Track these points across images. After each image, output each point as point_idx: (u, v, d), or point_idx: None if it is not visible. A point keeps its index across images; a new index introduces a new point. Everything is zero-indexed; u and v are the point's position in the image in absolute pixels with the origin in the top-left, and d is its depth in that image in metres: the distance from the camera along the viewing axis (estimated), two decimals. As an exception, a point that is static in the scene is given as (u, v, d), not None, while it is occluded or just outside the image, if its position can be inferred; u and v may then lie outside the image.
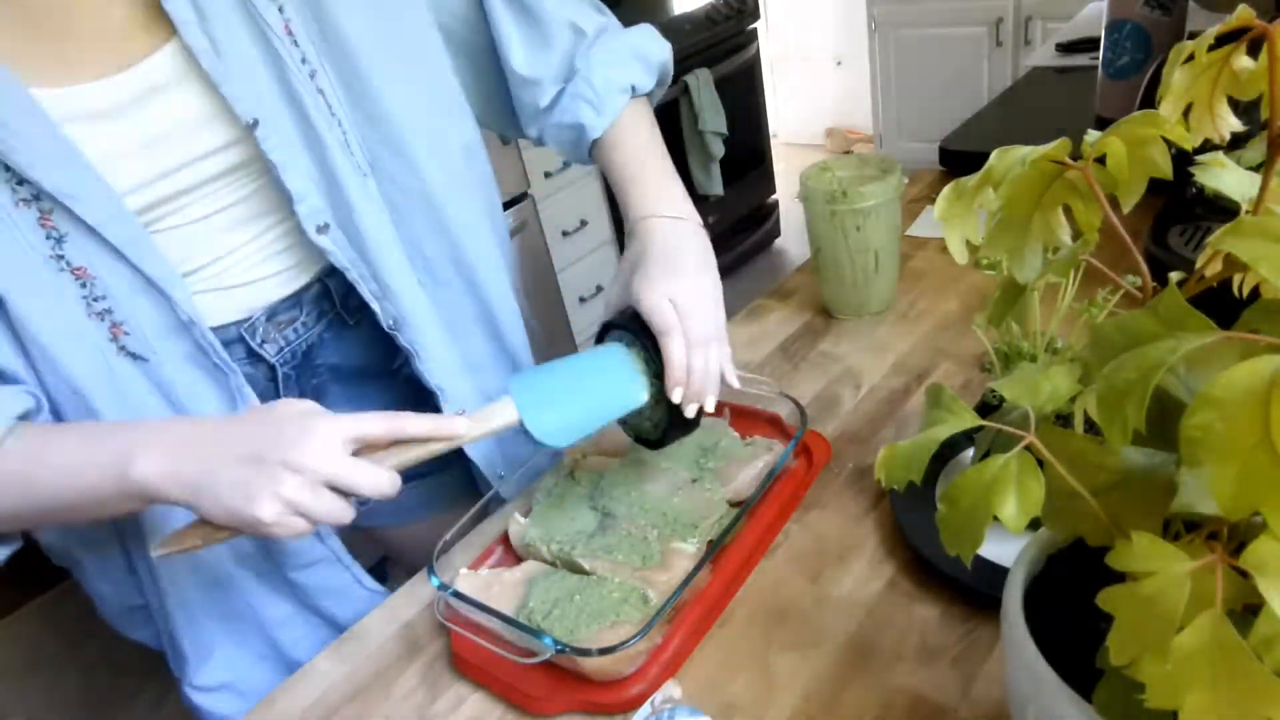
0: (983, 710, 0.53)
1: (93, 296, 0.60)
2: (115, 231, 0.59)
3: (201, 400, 0.66)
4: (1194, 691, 0.25)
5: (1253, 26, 0.30)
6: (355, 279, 0.71)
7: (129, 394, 0.63)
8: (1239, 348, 0.27)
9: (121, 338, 0.62)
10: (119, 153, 0.59)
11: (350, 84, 0.68)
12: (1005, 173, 0.37)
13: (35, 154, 0.55)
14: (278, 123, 0.64)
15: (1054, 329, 0.65)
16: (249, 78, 0.63)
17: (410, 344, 0.76)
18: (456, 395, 0.79)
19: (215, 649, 0.76)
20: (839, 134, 4.13)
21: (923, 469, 0.35)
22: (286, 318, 0.73)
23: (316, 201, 0.68)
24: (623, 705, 0.58)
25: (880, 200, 0.87)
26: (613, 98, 0.77)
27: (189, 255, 0.65)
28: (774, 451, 0.75)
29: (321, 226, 0.69)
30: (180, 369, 0.65)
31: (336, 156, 0.67)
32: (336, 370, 0.79)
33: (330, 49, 0.66)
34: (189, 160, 0.62)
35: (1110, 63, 1.15)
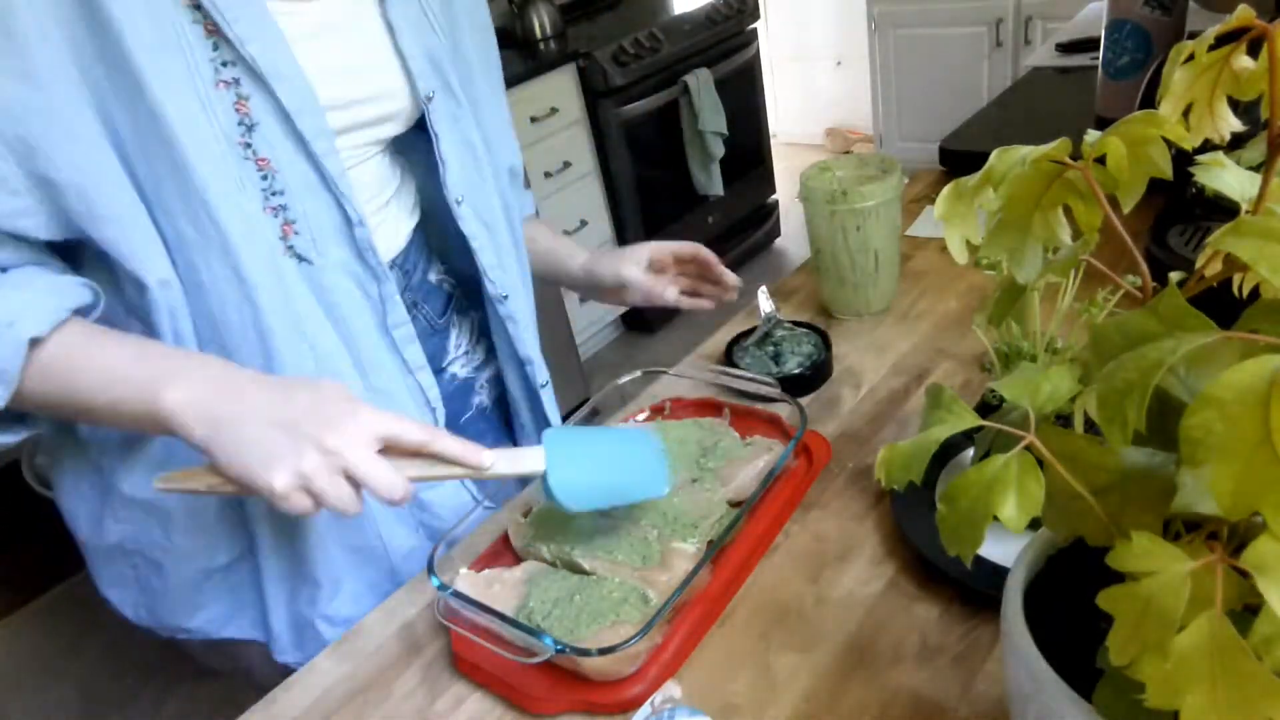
0: (983, 710, 0.53)
1: (271, 190, 0.62)
2: (307, 122, 0.62)
3: (355, 307, 0.70)
4: (1194, 691, 0.25)
5: (1253, 26, 0.30)
6: (476, 248, 0.79)
7: (292, 293, 0.65)
8: (1239, 348, 0.27)
9: (291, 236, 0.64)
10: (319, 69, 0.63)
11: (464, 79, 0.77)
12: (1005, 173, 0.37)
13: (254, 31, 0.58)
14: (442, 100, 0.73)
15: (1054, 329, 0.65)
16: (428, 54, 0.72)
17: (513, 313, 0.84)
18: (541, 367, 0.88)
19: (345, 581, 0.76)
20: (839, 134, 4.13)
21: (923, 469, 0.35)
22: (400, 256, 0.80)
23: (458, 174, 0.76)
24: (623, 705, 0.58)
25: (880, 200, 0.87)
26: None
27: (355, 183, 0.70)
28: (774, 451, 0.75)
29: (459, 199, 0.77)
30: (338, 276, 0.68)
31: (473, 134, 0.77)
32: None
33: (455, 50, 0.76)
34: (367, 97, 0.69)
35: (1110, 63, 1.15)
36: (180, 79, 0.57)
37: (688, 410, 0.86)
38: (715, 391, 0.86)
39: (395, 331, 0.73)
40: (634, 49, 2.54)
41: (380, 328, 0.72)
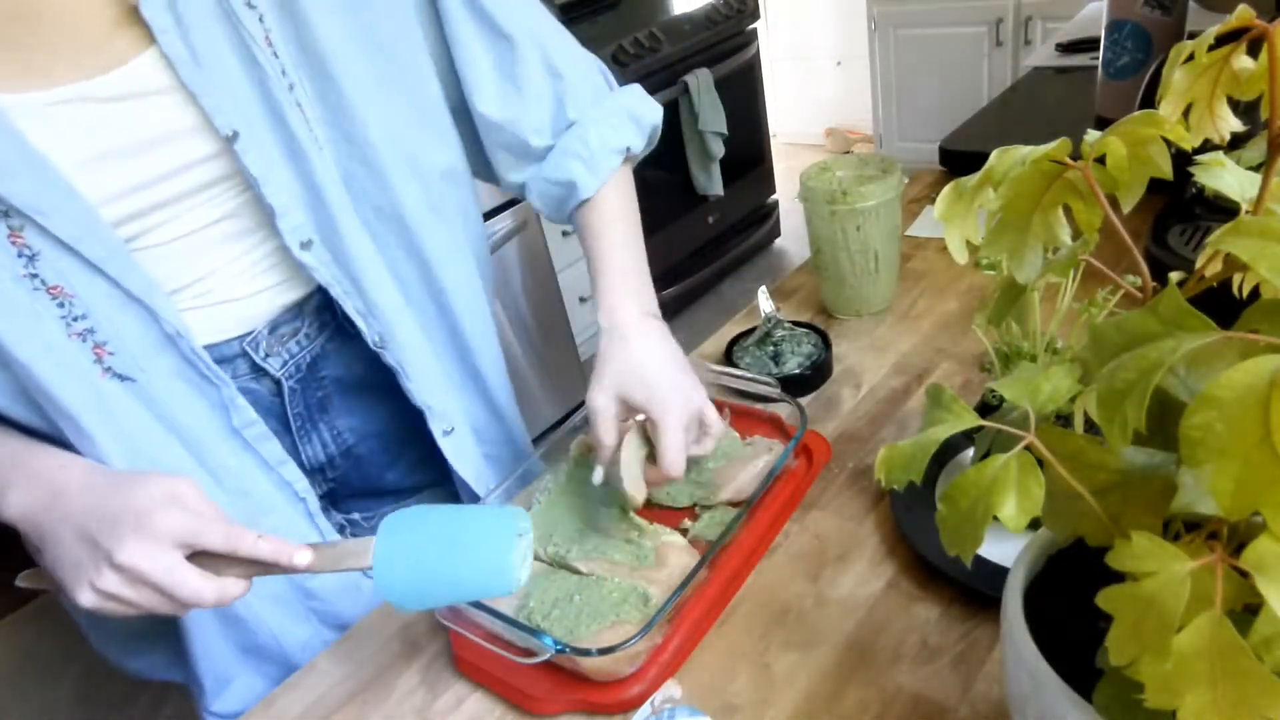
0: (983, 710, 0.53)
1: (72, 316, 0.57)
2: (91, 247, 0.56)
3: (194, 415, 0.64)
4: (1194, 691, 0.25)
5: (1253, 26, 0.30)
6: (339, 295, 0.70)
7: (119, 415, 0.61)
8: (1239, 348, 0.27)
9: (106, 358, 0.59)
10: (92, 161, 0.56)
11: (327, 98, 0.66)
12: (1005, 173, 0.37)
13: (2, 166, 0.52)
14: (258, 136, 0.62)
15: (1054, 329, 0.65)
16: (230, 89, 0.60)
17: (397, 362, 0.74)
18: (445, 413, 0.79)
19: (234, 678, 0.74)
20: (839, 134, 4.13)
21: (923, 469, 0.35)
22: (289, 329, 0.72)
23: (299, 217, 0.66)
24: (623, 705, 0.58)
25: (880, 200, 0.87)
26: (607, 158, 0.77)
27: (175, 272, 0.64)
28: (774, 451, 0.75)
29: (305, 243, 0.67)
30: (169, 385, 0.63)
31: (319, 170, 0.65)
32: (340, 382, 0.78)
33: (309, 62, 0.64)
34: (167, 173, 0.60)
35: (1110, 63, 1.15)
36: None
37: (688, 410, 0.85)
38: (715, 391, 0.85)
39: (245, 432, 0.68)
40: (634, 49, 2.54)
41: (228, 432, 0.67)
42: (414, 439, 0.82)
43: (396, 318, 0.74)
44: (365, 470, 0.83)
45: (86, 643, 0.79)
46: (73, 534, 0.54)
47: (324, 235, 0.68)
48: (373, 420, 0.81)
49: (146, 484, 0.55)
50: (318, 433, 0.78)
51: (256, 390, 0.71)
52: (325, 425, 0.78)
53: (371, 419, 0.81)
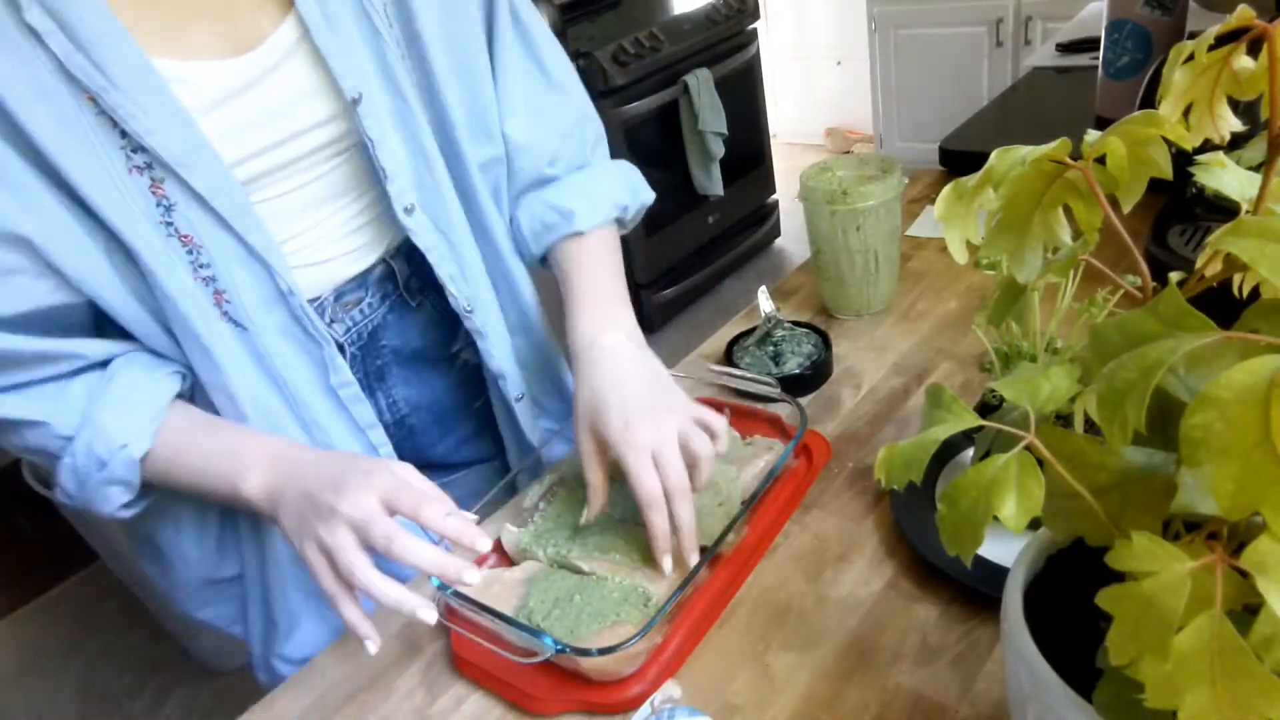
0: (983, 710, 0.53)
1: (198, 263, 0.62)
2: (223, 202, 0.61)
3: (296, 371, 0.69)
4: (1194, 691, 0.25)
5: (1253, 26, 0.30)
6: (436, 260, 0.73)
7: (235, 357, 0.65)
8: (1239, 348, 0.27)
9: (224, 304, 0.64)
10: (232, 129, 0.61)
11: (422, 79, 0.70)
12: (1005, 173, 0.37)
13: (153, 122, 0.56)
14: (376, 100, 0.66)
15: (1054, 329, 0.65)
16: (354, 53, 0.65)
17: (481, 326, 0.78)
18: (515, 381, 0.83)
19: (302, 622, 0.78)
20: (839, 134, 4.13)
21: (923, 469, 0.35)
22: (353, 298, 0.75)
23: (405, 182, 0.70)
24: (623, 705, 0.58)
25: (880, 200, 0.87)
26: (607, 207, 0.80)
27: (279, 228, 0.67)
28: (774, 451, 0.75)
29: (409, 207, 0.71)
30: (276, 340, 0.67)
31: (424, 138, 0.70)
32: (398, 352, 0.81)
33: (408, 39, 0.69)
34: (293, 134, 0.64)
35: (1110, 63, 1.15)
36: (94, 169, 0.57)
37: (688, 410, 0.85)
38: (715, 391, 0.86)
39: (341, 391, 0.72)
40: (634, 49, 2.54)
41: (325, 389, 0.71)
42: (464, 414, 0.86)
43: (482, 285, 0.78)
44: (416, 441, 0.85)
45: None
46: (304, 498, 0.59)
47: (424, 201, 0.72)
48: (426, 392, 0.84)
49: (372, 459, 0.61)
50: (374, 401, 0.80)
51: None
52: (382, 394, 0.81)
53: (425, 391, 0.84)
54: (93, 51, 0.54)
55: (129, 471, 0.63)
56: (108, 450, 0.62)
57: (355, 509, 0.55)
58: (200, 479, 0.65)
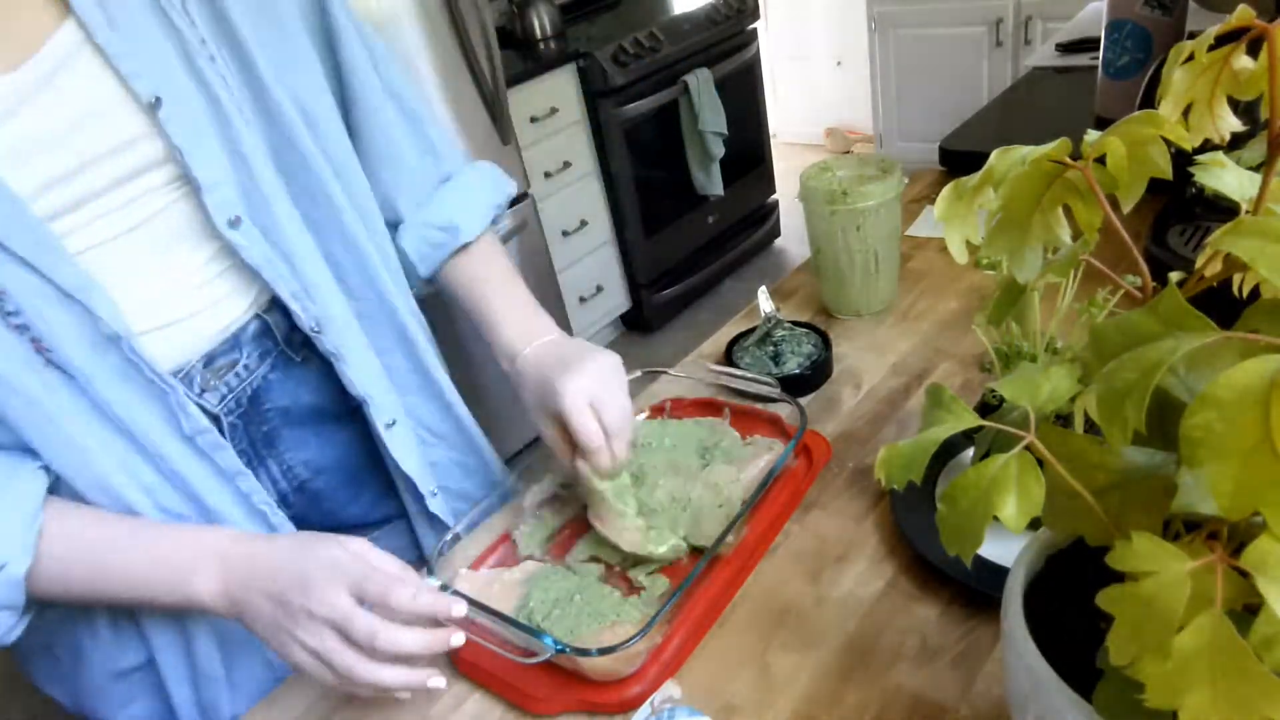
0: (983, 710, 0.53)
1: (5, 310, 0.54)
2: (17, 241, 0.53)
3: (142, 419, 0.61)
4: (1194, 691, 0.25)
5: (1253, 26, 0.30)
6: (271, 278, 0.66)
7: (70, 410, 0.58)
8: (1239, 348, 0.27)
9: (45, 352, 0.56)
10: (18, 151, 0.54)
11: (247, 74, 0.63)
12: (1005, 173, 0.37)
13: None
14: (183, 103, 0.59)
15: (1054, 329, 0.65)
16: (150, 53, 0.58)
17: (335, 347, 0.71)
18: (385, 406, 0.75)
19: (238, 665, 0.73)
20: (839, 134, 4.13)
21: (923, 469, 0.35)
22: (226, 362, 0.68)
23: (228, 192, 0.63)
24: (623, 705, 0.58)
25: (880, 200, 0.87)
26: (485, 210, 0.79)
27: (112, 281, 0.60)
28: (774, 451, 0.75)
29: (233, 220, 0.63)
30: (114, 387, 0.59)
31: (247, 143, 0.63)
32: (287, 413, 0.74)
33: (222, 30, 0.62)
34: (95, 156, 0.57)
35: (1110, 63, 1.15)
36: None
37: (688, 410, 0.85)
38: (715, 391, 0.86)
39: (198, 439, 0.64)
40: (634, 49, 2.54)
41: (180, 438, 0.63)
42: (375, 470, 0.80)
43: (331, 300, 0.71)
44: (324, 506, 0.79)
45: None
46: (271, 601, 0.56)
47: (253, 213, 0.65)
48: (328, 453, 0.78)
49: (327, 543, 0.58)
50: (266, 469, 0.74)
51: None
52: (274, 460, 0.74)
53: (326, 451, 0.77)
54: None
55: (12, 593, 0.56)
56: None
57: (330, 610, 0.54)
58: (138, 589, 0.60)
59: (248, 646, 0.73)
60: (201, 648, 0.70)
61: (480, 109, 2.15)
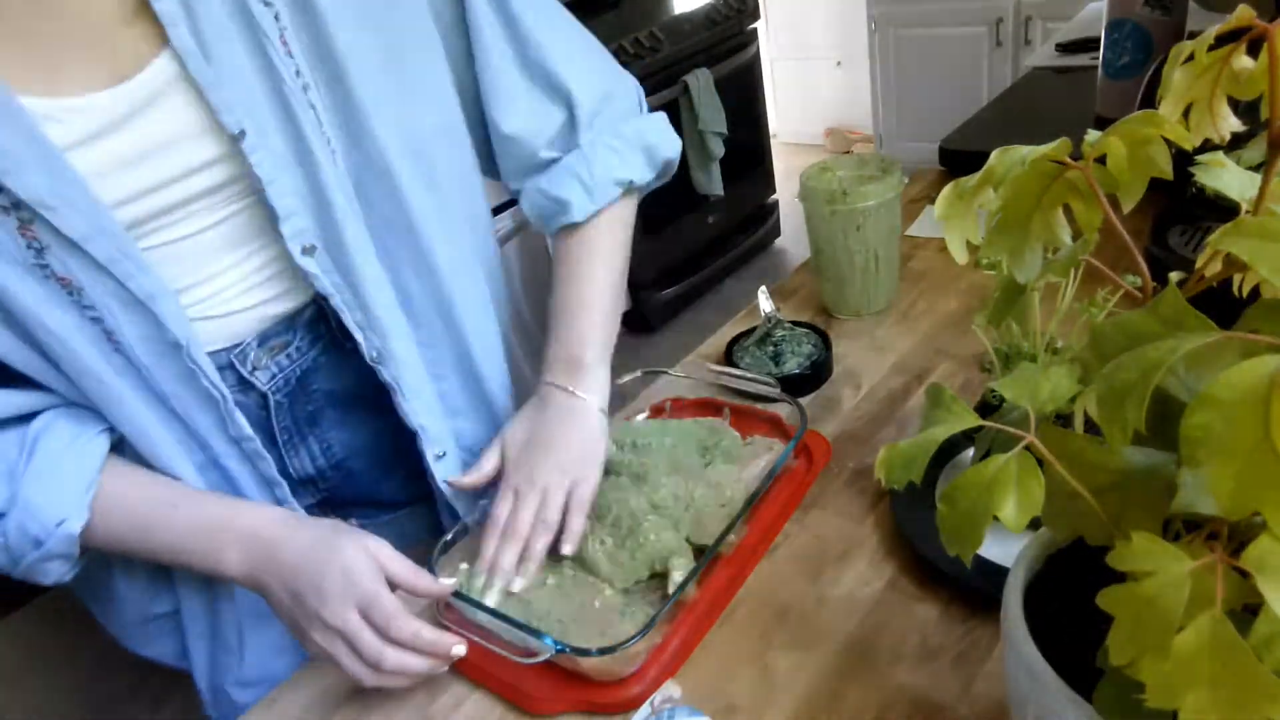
0: (983, 710, 0.53)
1: (82, 304, 0.58)
2: (99, 246, 0.56)
3: (195, 417, 0.65)
4: (1194, 691, 0.25)
5: (1253, 26, 0.30)
6: (339, 306, 0.68)
7: (134, 392, 0.62)
8: (1239, 348, 0.27)
9: (114, 342, 0.60)
10: (109, 167, 0.57)
11: (340, 103, 0.64)
12: (1005, 173, 0.37)
13: (12, 161, 0.52)
14: (268, 136, 0.61)
15: (1054, 329, 0.65)
16: (240, 86, 0.59)
17: (394, 379, 0.72)
18: (438, 436, 0.77)
19: (252, 641, 0.76)
20: (839, 134, 4.13)
21: (923, 469, 0.35)
22: (279, 342, 0.71)
23: (304, 221, 0.65)
24: (623, 705, 0.58)
25: (880, 200, 0.87)
26: (607, 188, 0.76)
27: (176, 276, 0.63)
28: (774, 451, 0.75)
29: (308, 248, 0.65)
30: (172, 384, 0.63)
31: (328, 175, 0.64)
32: (331, 396, 0.76)
33: (323, 64, 0.63)
34: (178, 175, 0.59)
35: (1110, 63, 1.15)
36: None
37: (688, 410, 0.86)
38: (715, 391, 0.86)
39: (243, 445, 0.68)
40: (634, 49, 2.54)
41: (228, 439, 0.67)
42: (408, 455, 0.81)
43: (396, 333, 0.72)
44: (358, 483, 0.82)
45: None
46: (289, 595, 0.60)
47: (327, 242, 0.67)
48: (363, 435, 0.80)
49: (347, 544, 0.60)
50: (306, 446, 0.76)
51: (244, 403, 0.70)
52: (315, 438, 0.77)
53: (362, 434, 0.80)
54: None
55: (68, 546, 0.61)
56: (43, 529, 0.60)
57: (341, 624, 0.57)
58: (176, 554, 0.64)
59: (263, 630, 0.76)
60: (222, 616, 0.74)
61: (480, 109, 2.14)
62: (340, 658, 0.58)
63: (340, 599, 0.57)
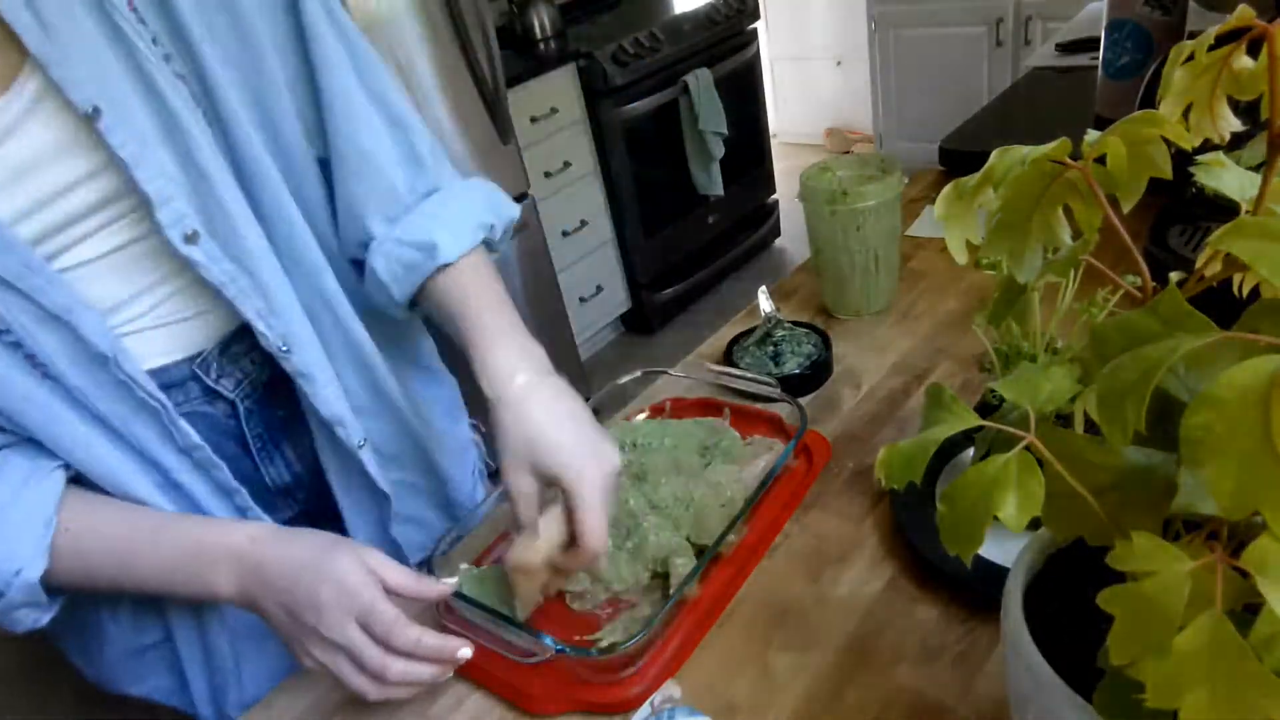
0: (983, 710, 0.53)
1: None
2: (3, 263, 0.53)
3: (139, 433, 0.62)
4: (1194, 691, 0.25)
5: (1253, 26, 0.30)
6: (234, 295, 0.63)
7: (71, 421, 0.59)
8: (1239, 348, 0.27)
9: (39, 367, 0.57)
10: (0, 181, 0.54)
11: (197, 72, 0.60)
12: (1005, 173, 0.37)
13: None
14: (129, 113, 0.56)
15: (1054, 329, 0.65)
16: (90, 60, 0.54)
17: (304, 367, 0.67)
18: (354, 428, 0.72)
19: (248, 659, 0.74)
20: (839, 134, 4.13)
21: (923, 469, 0.35)
22: (242, 347, 0.68)
23: (181, 205, 0.59)
24: (623, 705, 0.58)
25: (880, 200, 0.87)
26: (471, 230, 0.70)
27: (106, 293, 0.60)
28: (774, 451, 0.75)
29: (190, 235, 0.60)
30: (110, 402, 0.60)
31: (202, 151, 0.59)
32: (300, 402, 0.72)
33: (174, 33, 0.59)
34: (68, 184, 0.56)
35: (1110, 63, 1.15)
36: None
37: (688, 410, 0.86)
38: (715, 391, 0.86)
39: (194, 454, 0.65)
40: (634, 49, 2.54)
41: (177, 451, 0.64)
42: None
43: (297, 319, 0.67)
44: (330, 497, 0.78)
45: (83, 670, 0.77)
46: (284, 612, 0.58)
47: (211, 226, 0.61)
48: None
49: (342, 555, 0.58)
50: (281, 453, 0.74)
51: (211, 414, 0.68)
52: (289, 444, 0.75)
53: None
54: None
55: (30, 594, 0.58)
56: (1, 579, 0.57)
57: (342, 639, 0.56)
58: (161, 583, 0.61)
59: (257, 648, 0.74)
60: (215, 638, 0.72)
61: (480, 109, 2.15)
62: (343, 673, 0.57)
63: (338, 613, 0.56)
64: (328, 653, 0.57)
